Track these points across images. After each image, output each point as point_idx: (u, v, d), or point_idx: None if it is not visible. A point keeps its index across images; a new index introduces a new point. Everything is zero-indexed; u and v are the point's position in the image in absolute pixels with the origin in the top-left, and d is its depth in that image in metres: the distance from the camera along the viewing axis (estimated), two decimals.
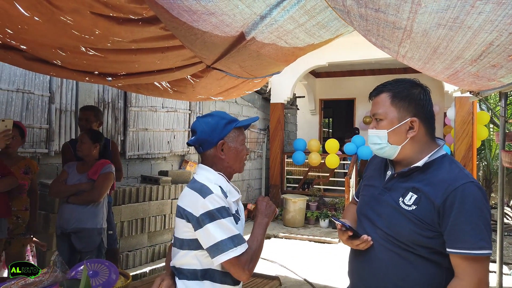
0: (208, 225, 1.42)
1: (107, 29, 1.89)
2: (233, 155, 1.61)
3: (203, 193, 1.46)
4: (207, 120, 1.59)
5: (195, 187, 1.51)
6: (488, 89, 2.90)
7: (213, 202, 1.44)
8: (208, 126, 1.57)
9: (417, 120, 1.39)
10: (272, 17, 2.11)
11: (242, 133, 1.65)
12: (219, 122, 1.58)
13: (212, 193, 1.46)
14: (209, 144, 1.58)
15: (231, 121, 1.61)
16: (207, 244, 1.44)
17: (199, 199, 1.45)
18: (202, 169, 1.61)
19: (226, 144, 1.59)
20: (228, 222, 1.44)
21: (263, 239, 1.57)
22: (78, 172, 3.11)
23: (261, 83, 3.92)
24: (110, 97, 5.11)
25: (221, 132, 1.58)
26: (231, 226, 1.44)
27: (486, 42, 1.68)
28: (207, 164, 1.61)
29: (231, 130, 1.60)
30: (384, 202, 1.43)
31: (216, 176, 1.58)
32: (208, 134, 1.57)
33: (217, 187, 1.50)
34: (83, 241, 3.02)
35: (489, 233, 1.24)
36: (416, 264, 1.34)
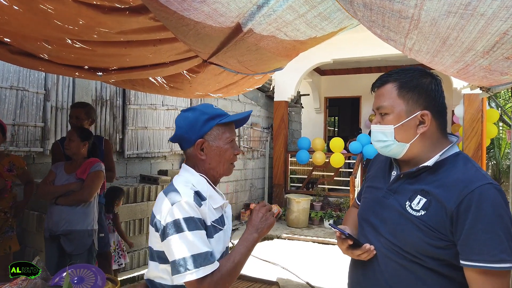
0: (171, 237, 1.24)
1: (91, 19, 1.77)
2: (216, 156, 1.42)
3: (172, 199, 1.30)
4: (187, 115, 1.43)
5: (167, 191, 1.35)
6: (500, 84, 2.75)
7: (180, 211, 1.26)
8: (186, 122, 1.41)
9: (429, 114, 1.23)
10: (270, 7, 1.99)
11: (229, 130, 1.46)
12: (198, 118, 1.40)
13: (181, 200, 1.29)
14: (187, 142, 1.42)
15: (214, 116, 1.42)
16: (169, 259, 1.27)
17: (167, 206, 1.29)
18: (184, 170, 1.45)
19: (207, 143, 1.41)
20: (195, 237, 1.24)
21: (243, 259, 1.37)
22: (66, 172, 3.00)
23: (262, 80, 3.78)
24: (108, 94, 5.00)
25: (201, 129, 1.40)
26: (198, 241, 1.24)
27: (500, 32, 1.54)
28: (190, 164, 1.45)
29: (213, 127, 1.41)
30: (389, 206, 1.27)
31: (198, 178, 1.41)
32: (185, 130, 1.41)
33: (190, 192, 1.33)
34: (73, 243, 2.90)
35: (510, 243, 1.07)
36: (425, 278, 1.17)
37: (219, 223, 1.41)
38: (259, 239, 1.42)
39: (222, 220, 1.44)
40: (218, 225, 1.39)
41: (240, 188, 8.10)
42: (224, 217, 1.46)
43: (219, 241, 1.37)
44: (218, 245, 1.36)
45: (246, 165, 8.29)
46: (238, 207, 8.05)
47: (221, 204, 1.45)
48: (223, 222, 1.44)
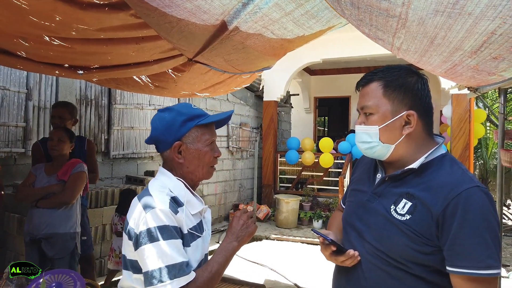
0: (145, 247, 1.17)
1: (68, 15, 1.70)
2: (194, 159, 1.34)
3: (146, 206, 1.22)
4: (163, 116, 1.34)
5: (141, 197, 1.27)
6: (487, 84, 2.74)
7: (154, 219, 1.19)
8: (162, 123, 1.33)
9: (415, 114, 1.18)
10: (255, 4, 1.94)
11: (209, 132, 1.38)
12: (175, 119, 1.32)
13: (155, 207, 1.21)
14: (164, 145, 1.34)
15: (192, 117, 1.33)
16: (142, 270, 1.20)
17: (141, 213, 1.22)
18: (161, 173, 1.37)
19: (185, 145, 1.33)
20: (169, 247, 1.17)
21: (221, 269, 1.30)
22: (46, 173, 2.91)
23: (250, 79, 3.73)
24: (93, 94, 4.90)
25: (178, 131, 1.32)
26: (173, 251, 1.17)
27: (488, 31, 1.52)
28: (167, 168, 1.37)
29: (191, 129, 1.33)
30: (373, 210, 1.22)
31: (175, 183, 1.33)
32: (161, 132, 1.33)
33: (166, 198, 1.25)
34: (55, 247, 2.81)
35: (497, 249, 1.03)
36: (410, 285, 1.13)
37: (197, 229, 1.34)
38: (239, 247, 1.37)
39: (200, 226, 1.37)
40: (196, 232, 1.33)
41: (229, 188, 8.04)
42: (203, 223, 1.40)
43: (196, 249, 1.31)
44: (195, 253, 1.30)
45: (235, 166, 8.23)
46: (227, 207, 7.99)
47: (199, 210, 1.38)
48: (202, 229, 1.38)
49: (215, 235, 6.64)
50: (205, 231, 1.40)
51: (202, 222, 1.40)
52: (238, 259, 5.58)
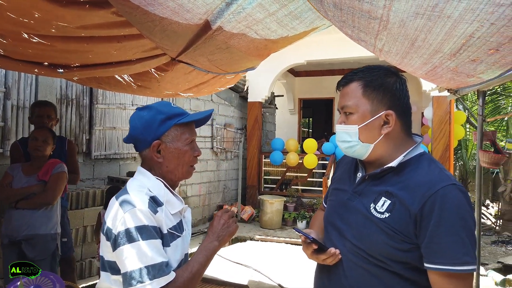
0: (123, 247, 1.15)
1: (48, 12, 1.66)
2: (174, 158, 1.32)
3: (124, 206, 1.20)
4: (142, 114, 1.32)
5: (119, 196, 1.25)
6: (466, 86, 2.81)
7: (133, 219, 1.17)
8: (141, 122, 1.31)
9: (393, 114, 1.20)
10: (239, 4, 1.94)
11: (189, 131, 1.36)
12: (155, 117, 1.30)
13: (135, 207, 1.19)
14: (143, 144, 1.32)
15: (172, 116, 1.32)
16: (121, 271, 1.18)
17: (119, 213, 1.19)
18: (139, 173, 1.35)
19: (164, 144, 1.31)
20: (149, 247, 1.15)
21: (202, 269, 1.29)
22: (25, 174, 2.85)
23: (234, 80, 3.73)
24: (74, 93, 4.81)
25: (157, 130, 1.30)
26: (152, 251, 1.15)
27: (466, 34, 1.56)
28: (145, 167, 1.35)
29: (170, 128, 1.31)
30: (354, 209, 1.24)
31: (154, 182, 1.31)
32: (140, 131, 1.31)
33: (145, 198, 1.24)
34: (36, 248, 2.76)
35: (473, 246, 1.06)
36: (390, 283, 1.15)
37: (177, 229, 1.33)
38: (219, 247, 1.35)
39: (180, 226, 1.36)
40: (176, 231, 1.31)
41: (213, 189, 8.01)
42: (183, 223, 1.39)
43: (176, 249, 1.29)
44: (175, 253, 1.28)
45: (220, 166, 8.21)
46: (211, 208, 7.95)
47: (179, 209, 1.36)
48: (182, 228, 1.36)
49: (199, 236, 6.60)
50: (185, 230, 1.38)
51: (182, 221, 1.39)
52: (222, 260, 5.56)
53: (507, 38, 1.50)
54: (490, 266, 5.57)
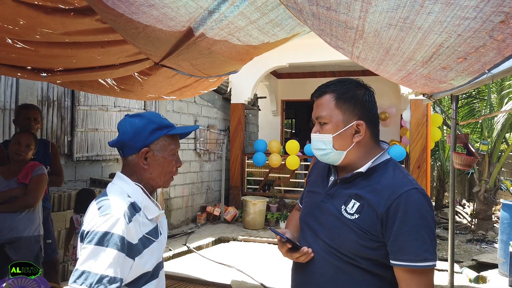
0: (85, 245, 1.18)
1: (33, 19, 1.69)
2: (159, 166, 1.39)
3: (101, 210, 1.24)
4: (134, 121, 1.37)
5: (99, 203, 1.27)
6: (439, 92, 2.93)
7: (104, 224, 1.19)
8: (132, 128, 1.35)
9: (363, 123, 1.31)
10: (221, 13, 2.00)
11: (175, 143, 1.43)
12: (146, 126, 1.35)
13: (109, 213, 1.22)
14: (130, 149, 1.37)
15: (162, 126, 1.38)
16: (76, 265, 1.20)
17: (95, 216, 1.23)
18: (118, 179, 1.39)
19: (152, 152, 1.37)
20: (105, 256, 1.16)
21: None
22: (4, 177, 2.84)
23: (217, 83, 3.78)
24: (56, 95, 4.77)
25: (147, 138, 1.35)
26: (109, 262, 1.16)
27: (436, 44, 1.66)
28: (126, 172, 1.39)
29: (160, 137, 1.37)
30: (326, 210, 1.33)
31: (133, 188, 1.35)
32: (130, 137, 1.35)
33: (124, 206, 1.27)
34: (20, 251, 2.76)
35: (433, 244, 1.17)
36: (358, 278, 1.25)
37: (153, 234, 1.37)
38: None
39: (156, 230, 1.40)
40: (152, 236, 1.35)
41: (197, 190, 8.02)
42: (158, 228, 1.43)
43: (152, 253, 1.33)
44: (151, 257, 1.33)
45: (203, 167, 8.23)
46: (194, 210, 7.97)
47: (156, 215, 1.40)
48: (157, 233, 1.40)
49: (182, 237, 6.61)
50: (161, 234, 1.42)
51: (158, 226, 1.42)
52: (204, 261, 5.59)
53: (473, 48, 1.61)
54: (465, 263, 5.76)
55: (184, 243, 6.22)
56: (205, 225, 7.67)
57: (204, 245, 6.35)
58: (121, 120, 1.40)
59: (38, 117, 3.32)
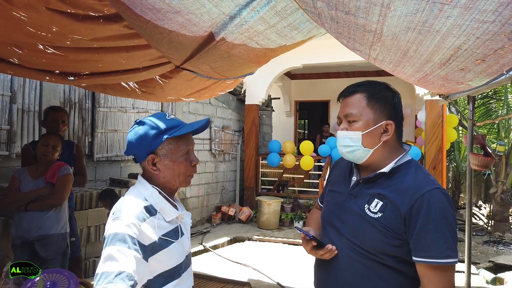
0: (105, 249, 1.21)
1: (65, 26, 1.78)
2: (169, 170, 1.36)
3: (115, 214, 1.26)
4: (136, 130, 1.35)
5: (116, 205, 1.32)
6: (456, 92, 2.94)
7: (118, 227, 1.23)
8: (135, 137, 1.34)
9: (393, 124, 1.36)
10: (242, 18, 2.06)
11: (184, 142, 1.38)
12: (148, 133, 1.33)
13: (120, 216, 1.25)
14: (139, 158, 1.37)
15: (164, 130, 1.34)
16: None
17: (110, 219, 1.27)
18: (139, 182, 1.41)
19: (158, 158, 1.35)
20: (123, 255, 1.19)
21: None
22: (32, 177, 2.94)
23: (233, 84, 3.85)
24: (77, 97, 4.92)
25: (151, 145, 1.33)
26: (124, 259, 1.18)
27: (454, 46, 1.68)
28: (145, 176, 1.41)
29: (163, 142, 1.34)
30: (349, 209, 1.38)
31: (150, 191, 1.36)
32: (135, 146, 1.34)
33: (138, 208, 1.28)
34: (48, 248, 2.88)
35: (455, 242, 1.22)
36: (382, 274, 1.30)
37: (172, 235, 1.36)
38: None
39: (176, 231, 1.40)
40: (171, 238, 1.35)
41: (212, 190, 8.11)
42: (180, 228, 1.43)
43: (172, 254, 1.35)
44: (170, 258, 1.34)
45: (218, 168, 8.31)
46: (210, 210, 8.06)
47: (176, 216, 1.40)
48: (178, 234, 1.40)
49: (198, 236, 6.70)
50: (183, 235, 1.43)
51: (180, 227, 1.43)
52: (221, 260, 5.67)
53: (491, 50, 1.63)
54: (482, 265, 5.71)
55: (200, 242, 6.31)
56: (220, 224, 7.75)
57: (219, 245, 6.43)
58: (130, 129, 1.40)
59: (65, 119, 3.46)
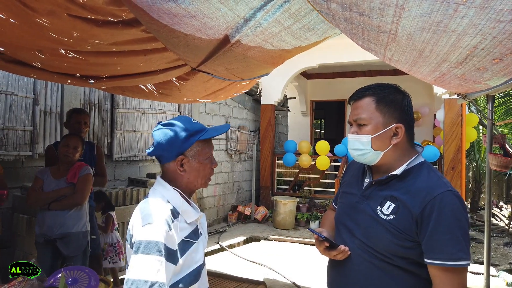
0: (133, 256, 1.24)
1: (85, 32, 1.84)
2: (195, 171, 1.42)
3: (144, 220, 1.28)
4: (166, 131, 1.39)
5: (142, 209, 1.35)
6: (474, 92, 2.90)
7: (149, 233, 1.25)
8: (165, 138, 1.38)
9: (402, 127, 1.36)
10: (257, 20, 2.08)
11: (208, 146, 1.46)
12: (178, 134, 1.39)
13: (152, 222, 1.27)
14: (166, 158, 1.42)
15: (194, 132, 1.41)
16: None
17: (139, 225, 1.28)
18: (159, 184, 1.43)
19: (187, 159, 1.40)
20: (156, 263, 1.22)
21: None
22: (54, 177, 3.04)
23: (249, 85, 3.89)
24: (97, 98, 5.04)
25: (181, 146, 1.39)
26: (156, 268, 1.22)
27: (471, 46, 1.67)
28: (165, 178, 1.44)
29: (193, 144, 1.40)
30: (362, 211, 1.39)
31: (172, 194, 1.40)
32: (165, 147, 1.38)
33: (165, 213, 1.32)
34: (70, 246, 2.97)
35: (467, 244, 1.21)
36: (394, 275, 1.30)
37: (193, 236, 1.41)
38: None
39: (196, 232, 1.45)
40: (192, 239, 1.40)
41: (228, 190, 8.17)
42: (198, 229, 1.47)
43: (193, 255, 1.39)
44: (192, 259, 1.38)
45: (234, 168, 8.37)
46: (226, 209, 8.12)
47: (196, 218, 1.45)
48: (197, 234, 1.45)
49: (215, 235, 6.77)
50: (201, 235, 1.47)
51: (198, 228, 1.47)
52: (237, 259, 5.71)
53: (509, 49, 1.61)
54: (502, 267, 5.59)
55: (217, 242, 6.37)
56: (236, 224, 7.80)
57: (235, 244, 6.49)
58: (155, 129, 1.43)
59: (87, 121, 3.58)
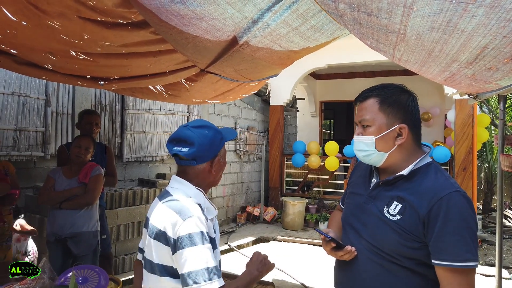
0: (183, 250, 1.29)
1: (96, 34, 1.87)
2: (220, 170, 1.54)
3: (183, 214, 1.34)
4: (204, 133, 1.45)
5: (172, 206, 1.39)
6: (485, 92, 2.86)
7: (193, 226, 1.32)
8: (206, 140, 1.45)
9: (406, 127, 1.35)
10: (265, 21, 2.09)
11: (224, 147, 1.58)
12: (215, 136, 1.48)
13: (192, 215, 1.34)
14: (204, 158, 1.47)
15: (222, 136, 1.53)
16: (180, 271, 1.31)
17: (178, 220, 1.33)
18: (179, 183, 1.48)
19: (218, 158, 1.51)
20: (205, 251, 1.31)
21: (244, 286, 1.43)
22: (65, 177, 3.09)
23: (257, 86, 3.89)
24: (107, 100, 5.10)
25: (217, 148, 1.49)
26: (208, 255, 1.32)
27: (481, 45, 1.66)
28: (186, 177, 1.48)
29: (223, 145, 1.53)
30: (369, 211, 1.39)
31: (195, 192, 1.46)
32: (206, 148, 1.45)
33: (197, 207, 1.40)
34: (80, 245, 3.01)
35: (475, 245, 1.20)
36: (401, 276, 1.30)
37: (212, 233, 1.46)
38: (259, 277, 1.50)
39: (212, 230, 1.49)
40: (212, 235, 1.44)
41: (237, 191, 8.19)
42: (214, 226, 1.52)
43: (218, 250, 1.46)
44: (217, 253, 1.45)
45: (243, 168, 8.38)
46: (235, 209, 8.14)
47: (214, 216, 1.52)
48: (214, 231, 1.50)
49: (224, 236, 6.79)
50: (215, 233, 1.51)
51: (213, 225, 1.52)
52: (246, 259, 5.71)
53: None
54: None
55: (226, 242, 6.39)
56: (245, 224, 7.81)
57: (244, 244, 6.49)
58: (188, 132, 1.44)
59: (98, 122, 3.64)
